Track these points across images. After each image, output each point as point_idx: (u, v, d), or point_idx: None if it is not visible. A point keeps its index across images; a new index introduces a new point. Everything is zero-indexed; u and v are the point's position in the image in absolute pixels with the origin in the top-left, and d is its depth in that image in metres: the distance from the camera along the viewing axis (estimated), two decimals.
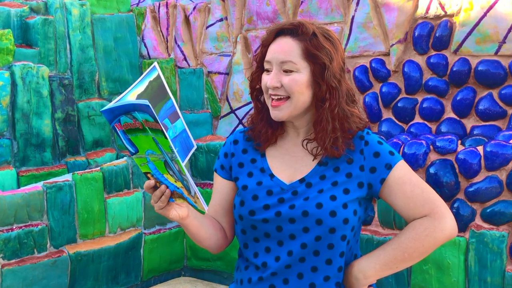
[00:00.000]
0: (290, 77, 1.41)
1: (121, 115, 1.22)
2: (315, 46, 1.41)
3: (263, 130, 1.51)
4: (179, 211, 1.39)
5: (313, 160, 1.46)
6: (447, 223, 1.42)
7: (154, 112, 1.18)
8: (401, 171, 1.44)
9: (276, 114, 1.43)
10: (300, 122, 1.48)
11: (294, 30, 1.42)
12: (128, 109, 1.20)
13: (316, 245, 1.40)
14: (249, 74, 1.56)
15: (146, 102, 1.18)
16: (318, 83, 1.41)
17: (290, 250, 1.41)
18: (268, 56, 1.44)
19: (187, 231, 1.49)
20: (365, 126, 1.49)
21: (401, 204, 1.44)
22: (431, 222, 1.42)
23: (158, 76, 1.33)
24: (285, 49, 1.41)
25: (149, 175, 1.34)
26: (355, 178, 1.43)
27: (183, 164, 1.33)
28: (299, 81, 1.41)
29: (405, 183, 1.44)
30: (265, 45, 1.47)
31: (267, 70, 1.45)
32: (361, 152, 1.45)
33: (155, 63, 1.35)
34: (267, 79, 1.44)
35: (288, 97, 1.42)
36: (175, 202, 1.38)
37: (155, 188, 1.36)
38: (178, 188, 1.32)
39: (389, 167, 1.43)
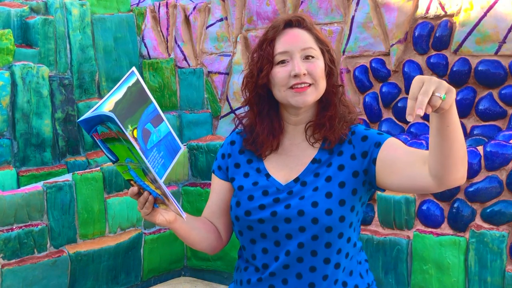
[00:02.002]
0: (314, 64, 1.41)
1: (97, 125, 1.21)
2: (320, 34, 1.46)
3: (265, 141, 1.48)
4: (166, 215, 1.38)
5: (313, 144, 1.46)
6: None
7: (120, 124, 1.16)
8: (390, 143, 1.39)
9: (304, 99, 1.40)
10: (305, 115, 1.47)
11: (299, 22, 1.45)
12: (101, 119, 1.19)
13: (313, 245, 1.39)
14: (247, 77, 1.52)
15: (111, 114, 1.16)
16: (332, 68, 1.45)
17: (288, 250, 1.41)
18: (284, 47, 1.42)
19: (177, 235, 1.47)
20: (358, 120, 1.51)
21: (402, 165, 1.34)
22: None
23: (137, 81, 1.29)
24: (302, 37, 1.43)
25: (132, 182, 1.33)
26: (348, 168, 1.42)
27: (168, 170, 1.34)
28: (321, 67, 1.42)
29: (399, 147, 1.38)
30: (272, 38, 1.44)
31: (282, 62, 1.42)
32: (349, 142, 1.44)
33: (133, 68, 1.31)
34: (289, 69, 1.40)
35: (311, 84, 1.41)
36: (160, 208, 1.37)
37: (139, 194, 1.35)
38: (159, 195, 1.32)
39: (378, 145, 1.40)
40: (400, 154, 1.35)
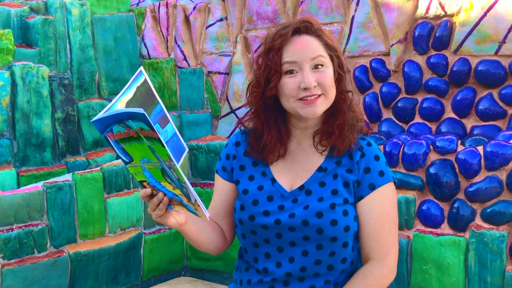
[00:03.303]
0: (323, 73, 1.37)
1: (113, 124, 1.19)
2: (328, 39, 1.41)
3: (270, 147, 1.45)
4: (177, 217, 1.36)
5: (321, 152, 1.45)
6: (393, 271, 1.45)
7: (150, 121, 1.15)
8: (382, 197, 1.42)
9: (314, 110, 1.37)
10: (313, 121, 1.45)
11: (308, 28, 1.40)
12: (122, 118, 1.16)
13: (317, 254, 1.38)
14: (253, 86, 1.48)
15: (141, 110, 1.14)
16: (341, 75, 1.41)
17: (292, 257, 1.40)
18: (292, 57, 1.38)
19: (185, 237, 1.46)
20: (367, 131, 1.48)
21: (364, 233, 1.42)
22: (380, 269, 1.42)
23: (145, 81, 1.28)
24: (310, 45, 1.38)
25: (145, 183, 1.30)
26: (351, 188, 1.42)
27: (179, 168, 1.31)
28: (330, 75, 1.39)
29: (379, 213, 1.41)
30: (280, 47, 1.39)
31: (290, 72, 1.39)
32: (357, 164, 1.43)
33: (141, 68, 1.30)
34: (299, 80, 1.37)
35: (320, 95, 1.38)
36: (174, 209, 1.35)
37: (151, 196, 1.32)
38: (176, 195, 1.29)
39: (372, 187, 1.41)
40: (367, 224, 1.42)
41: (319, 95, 1.37)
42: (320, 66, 1.38)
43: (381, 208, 1.41)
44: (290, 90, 1.38)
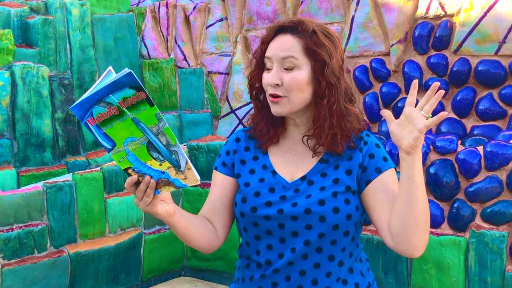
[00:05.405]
0: (291, 75, 1.40)
1: (93, 106, 1.18)
2: (315, 43, 1.40)
3: (264, 130, 1.51)
4: (166, 206, 1.36)
5: (312, 157, 1.46)
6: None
7: (137, 78, 1.14)
8: (388, 179, 1.45)
9: (276, 109, 1.43)
10: (301, 119, 1.48)
11: (294, 28, 1.42)
12: (102, 95, 1.16)
13: (319, 242, 1.40)
14: (248, 73, 1.55)
15: (126, 70, 1.14)
16: (318, 79, 1.41)
17: (293, 247, 1.42)
18: (268, 53, 1.43)
19: (175, 231, 1.45)
20: (363, 126, 1.50)
21: (379, 208, 1.43)
22: None
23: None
24: (286, 45, 1.41)
25: (130, 171, 1.29)
26: (354, 174, 1.44)
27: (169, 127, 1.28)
28: (300, 79, 1.40)
29: (387, 191, 1.44)
30: (265, 42, 1.46)
31: (268, 69, 1.44)
32: (360, 151, 1.46)
33: (110, 67, 1.31)
34: (268, 77, 1.43)
35: (283, 97, 1.42)
36: (161, 194, 1.34)
37: (137, 184, 1.31)
38: (163, 172, 1.28)
39: (378, 171, 1.44)
40: (381, 199, 1.42)
41: (282, 97, 1.41)
42: (290, 68, 1.40)
43: (391, 186, 1.44)
44: (264, 84, 1.45)
